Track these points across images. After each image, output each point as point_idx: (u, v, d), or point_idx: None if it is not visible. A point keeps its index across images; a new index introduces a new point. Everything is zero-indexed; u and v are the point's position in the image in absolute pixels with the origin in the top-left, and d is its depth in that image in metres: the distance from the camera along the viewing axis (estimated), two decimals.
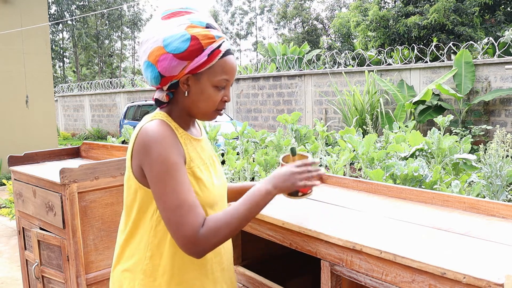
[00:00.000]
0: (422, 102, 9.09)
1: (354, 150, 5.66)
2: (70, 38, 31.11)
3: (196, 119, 1.28)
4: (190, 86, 1.12)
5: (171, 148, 1.06)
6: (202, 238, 1.03)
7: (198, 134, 1.23)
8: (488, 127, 8.38)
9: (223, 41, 1.13)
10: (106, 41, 31.66)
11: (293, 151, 1.30)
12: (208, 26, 1.11)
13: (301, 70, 12.63)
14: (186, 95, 1.13)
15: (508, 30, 12.25)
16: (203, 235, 1.03)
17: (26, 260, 2.45)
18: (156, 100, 1.17)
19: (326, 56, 13.48)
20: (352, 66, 12.34)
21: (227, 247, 1.26)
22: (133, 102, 13.09)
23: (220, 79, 1.12)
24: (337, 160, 5.35)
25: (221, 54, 1.11)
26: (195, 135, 1.21)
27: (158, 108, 1.19)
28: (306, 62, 13.54)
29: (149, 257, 1.12)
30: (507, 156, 4.72)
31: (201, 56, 1.08)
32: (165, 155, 1.05)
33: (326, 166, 6.24)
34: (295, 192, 1.25)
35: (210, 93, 1.12)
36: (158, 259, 1.12)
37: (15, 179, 2.45)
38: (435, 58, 13.25)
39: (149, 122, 1.11)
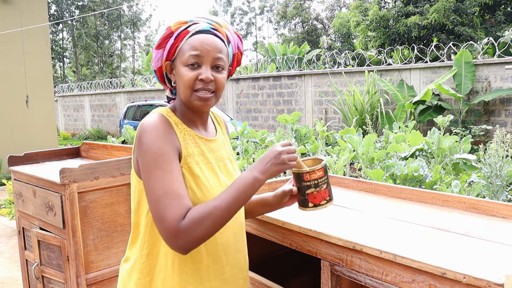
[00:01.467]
0: (422, 102, 9.09)
1: (354, 150, 5.66)
2: (70, 38, 31.11)
3: (217, 120, 1.29)
4: (174, 74, 1.14)
5: (162, 139, 1.05)
6: (183, 230, 0.97)
7: (209, 135, 1.20)
8: (488, 127, 8.38)
9: (195, 23, 1.11)
10: (106, 41, 31.66)
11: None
12: (194, 17, 1.13)
13: (301, 70, 12.62)
14: (174, 84, 1.15)
15: (508, 30, 12.24)
16: (185, 226, 0.97)
17: (26, 260, 2.45)
18: (167, 97, 1.22)
19: (326, 56, 13.47)
20: (352, 66, 12.33)
21: (233, 257, 1.17)
22: (133, 102, 13.09)
23: (188, 55, 1.08)
24: (337, 160, 5.35)
25: (189, 34, 1.10)
26: (203, 135, 1.18)
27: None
28: (306, 62, 13.54)
29: (146, 255, 1.11)
30: (507, 156, 4.71)
31: (170, 40, 1.11)
32: (154, 145, 1.04)
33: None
34: (306, 202, 1.15)
35: (183, 73, 1.09)
36: (155, 258, 1.10)
37: (15, 179, 2.45)
38: (435, 58, 13.24)
39: (147, 116, 1.12)
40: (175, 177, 1.03)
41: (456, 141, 5.63)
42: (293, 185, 1.20)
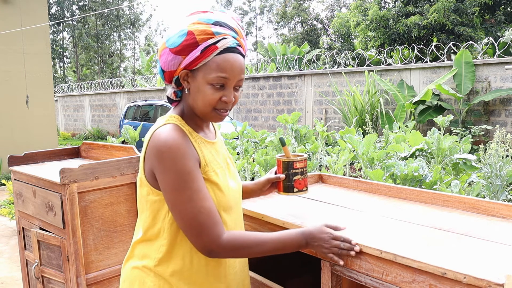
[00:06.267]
0: (422, 102, 9.09)
1: (354, 150, 5.65)
2: (71, 38, 31.10)
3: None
4: (189, 83, 1.11)
5: (185, 156, 1.05)
6: (221, 248, 1.06)
7: (212, 137, 1.21)
8: (488, 127, 8.38)
9: (224, 38, 1.07)
10: (107, 42, 31.64)
11: (282, 141, 1.32)
12: (216, 24, 1.08)
13: (301, 70, 12.62)
14: (187, 92, 1.12)
15: (508, 30, 12.25)
16: (224, 246, 1.06)
17: (26, 260, 2.45)
18: (167, 97, 1.18)
19: (326, 56, 13.47)
20: (352, 66, 12.33)
21: None
22: (133, 102, 13.09)
23: (215, 76, 1.07)
24: (337, 160, 5.35)
25: (217, 51, 1.06)
26: (209, 138, 1.19)
27: (172, 109, 1.19)
28: (306, 62, 13.53)
29: (159, 259, 1.12)
30: (507, 156, 4.72)
31: (195, 51, 1.06)
32: (179, 164, 1.04)
33: (326, 166, 6.24)
34: (291, 188, 1.30)
35: (206, 91, 1.08)
36: (168, 261, 1.11)
37: (15, 179, 2.45)
38: (435, 58, 13.24)
39: (162, 126, 1.09)
40: (204, 194, 1.06)
41: (456, 141, 5.62)
42: (276, 173, 1.35)
